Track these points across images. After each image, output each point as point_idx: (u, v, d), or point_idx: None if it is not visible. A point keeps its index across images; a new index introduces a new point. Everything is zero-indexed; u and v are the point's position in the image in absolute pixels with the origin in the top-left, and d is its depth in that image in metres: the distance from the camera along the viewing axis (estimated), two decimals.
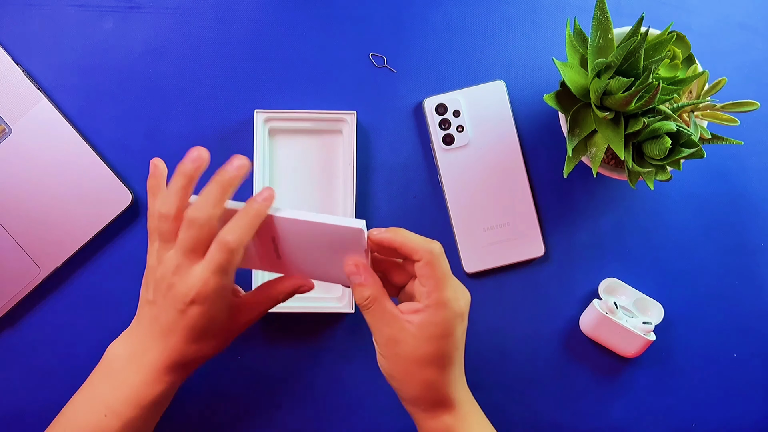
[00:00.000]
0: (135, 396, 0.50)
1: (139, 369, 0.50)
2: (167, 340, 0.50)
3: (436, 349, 0.49)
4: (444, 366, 0.50)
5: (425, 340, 0.48)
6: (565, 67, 0.54)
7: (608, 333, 0.63)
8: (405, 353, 0.49)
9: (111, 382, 0.50)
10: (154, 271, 0.50)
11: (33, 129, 0.62)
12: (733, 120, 0.54)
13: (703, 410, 0.66)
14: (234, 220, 0.48)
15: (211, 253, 0.47)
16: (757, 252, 0.67)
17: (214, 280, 0.47)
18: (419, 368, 0.49)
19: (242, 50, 0.65)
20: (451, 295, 0.49)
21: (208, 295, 0.48)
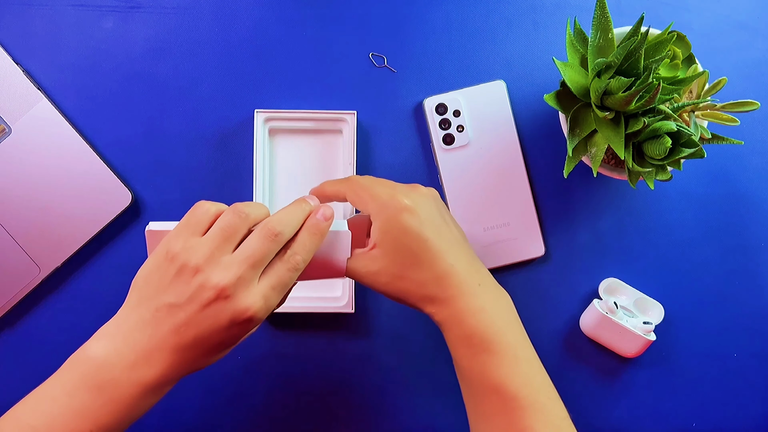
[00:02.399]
0: (128, 413, 0.44)
1: (137, 383, 0.44)
2: (186, 353, 0.44)
3: (405, 251, 0.49)
4: (424, 260, 0.49)
5: (391, 251, 0.49)
6: (566, 67, 0.54)
7: (608, 333, 0.63)
8: (389, 274, 0.49)
9: (100, 399, 0.43)
10: (191, 272, 0.44)
11: (33, 129, 0.62)
12: (733, 120, 0.54)
13: (703, 410, 0.66)
14: (302, 240, 0.47)
15: (278, 270, 0.45)
16: (757, 252, 0.67)
17: (273, 299, 0.45)
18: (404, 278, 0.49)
19: (242, 50, 0.65)
20: (385, 196, 0.50)
21: (262, 314, 0.45)
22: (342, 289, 0.64)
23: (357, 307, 0.64)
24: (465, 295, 0.49)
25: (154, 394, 0.45)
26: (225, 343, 0.46)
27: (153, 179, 0.64)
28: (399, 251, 0.49)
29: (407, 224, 0.49)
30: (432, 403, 0.65)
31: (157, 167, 0.64)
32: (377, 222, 0.50)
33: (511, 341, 0.49)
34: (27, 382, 0.63)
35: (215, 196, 0.64)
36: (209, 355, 0.46)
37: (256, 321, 0.45)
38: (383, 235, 0.49)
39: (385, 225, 0.49)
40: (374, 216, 0.50)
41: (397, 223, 0.49)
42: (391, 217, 0.49)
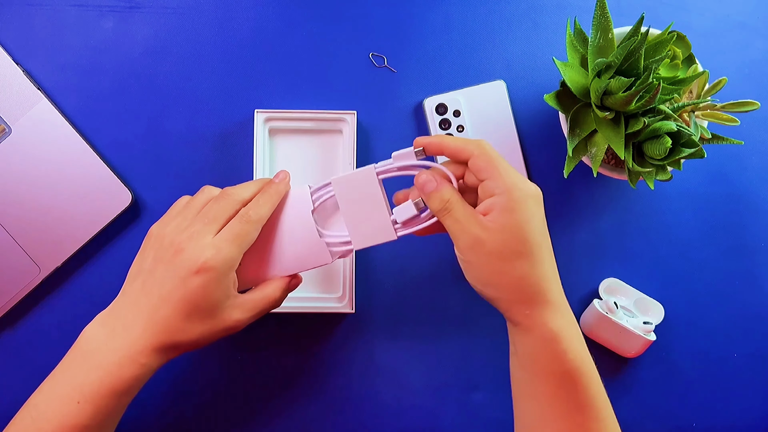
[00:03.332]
0: (110, 380, 0.47)
1: (117, 349, 0.48)
2: (155, 314, 0.48)
3: (523, 238, 0.46)
4: (534, 255, 0.47)
5: (508, 231, 0.46)
6: (566, 67, 0.54)
7: (608, 333, 0.63)
8: (492, 251, 0.46)
9: (85, 366, 0.47)
10: (161, 239, 0.50)
11: (33, 129, 0.62)
12: (733, 120, 0.54)
13: (703, 410, 0.66)
14: (256, 199, 0.51)
15: (231, 224, 0.50)
16: (757, 252, 0.67)
17: (227, 249, 0.48)
18: (510, 264, 0.47)
19: (242, 50, 0.65)
20: (516, 177, 0.47)
21: (217, 264, 0.48)
22: (342, 289, 0.64)
23: (357, 307, 0.64)
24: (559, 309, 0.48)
25: (134, 363, 0.48)
26: (191, 302, 0.48)
27: (153, 179, 0.64)
28: (515, 234, 0.46)
29: (534, 212, 0.47)
30: (432, 403, 0.65)
31: (157, 167, 0.64)
32: (504, 197, 0.46)
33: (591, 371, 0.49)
34: (27, 382, 0.63)
35: None
36: (180, 316, 0.48)
37: (209, 270, 0.48)
38: (506, 212, 0.46)
39: (513, 203, 0.46)
40: (502, 190, 0.46)
41: (526, 206, 0.47)
42: (522, 199, 0.46)
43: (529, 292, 0.47)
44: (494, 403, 0.65)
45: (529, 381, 0.49)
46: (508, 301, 0.48)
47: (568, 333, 0.48)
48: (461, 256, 0.49)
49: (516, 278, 0.47)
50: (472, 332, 0.65)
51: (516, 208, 0.46)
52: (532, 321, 0.47)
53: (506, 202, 0.46)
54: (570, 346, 0.47)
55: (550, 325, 0.47)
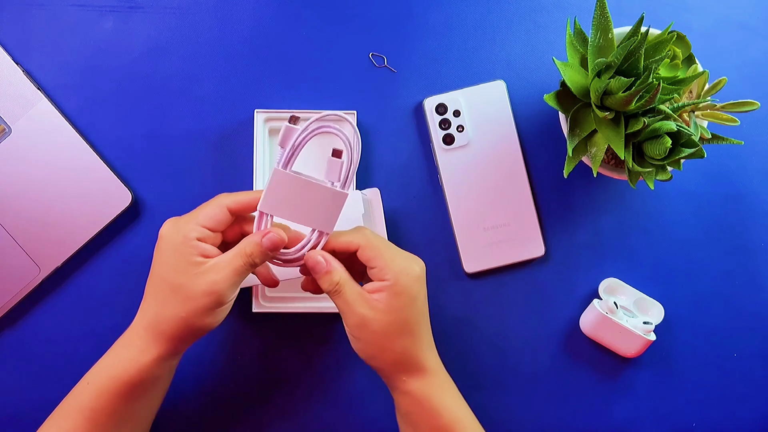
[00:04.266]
0: (109, 361, 0.51)
1: (123, 337, 0.52)
2: (150, 291, 0.51)
3: (406, 318, 0.51)
4: (414, 333, 0.52)
5: (394, 312, 0.50)
6: (566, 67, 0.54)
7: (608, 333, 0.63)
8: (378, 330, 0.51)
9: (116, 346, 0.52)
10: None
11: (33, 129, 0.62)
12: (733, 120, 0.54)
13: (703, 410, 0.66)
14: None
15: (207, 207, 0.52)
16: (757, 252, 0.67)
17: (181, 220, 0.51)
18: (393, 341, 0.51)
19: (242, 50, 0.65)
20: (402, 263, 0.51)
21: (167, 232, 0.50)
22: None
23: None
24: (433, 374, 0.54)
25: (131, 345, 0.51)
26: (157, 275, 0.50)
27: (153, 179, 0.64)
28: (399, 315, 0.51)
29: (417, 293, 0.52)
30: None
31: (157, 167, 0.64)
32: (392, 282, 0.50)
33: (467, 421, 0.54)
34: (27, 381, 0.63)
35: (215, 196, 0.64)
36: (155, 291, 0.50)
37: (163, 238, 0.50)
38: (393, 296, 0.50)
39: (399, 288, 0.50)
40: (390, 276, 0.50)
41: (411, 290, 0.51)
42: (408, 284, 0.51)
43: (408, 363, 0.52)
44: (494, 403, 0.65)
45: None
46: (389, 371, 0.53)
47: (440, 393, 0.54)
48: (349, 332, 0.52)
49: (397, 353, 0.52)
50: (472, 332, 0.65)
51: (402, 292, 0.51)
52: (409, 386, 0.53)
53: (393, 287, 0.50)
54: (442, 403, 0.53)
55: (424, 389, 0.53)
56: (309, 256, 0.51)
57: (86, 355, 0.63)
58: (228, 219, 0.51)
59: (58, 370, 0.63)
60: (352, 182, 0.51)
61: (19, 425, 0.63)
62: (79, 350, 0.63)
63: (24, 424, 0.63)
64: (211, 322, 0.51)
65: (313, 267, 0.51)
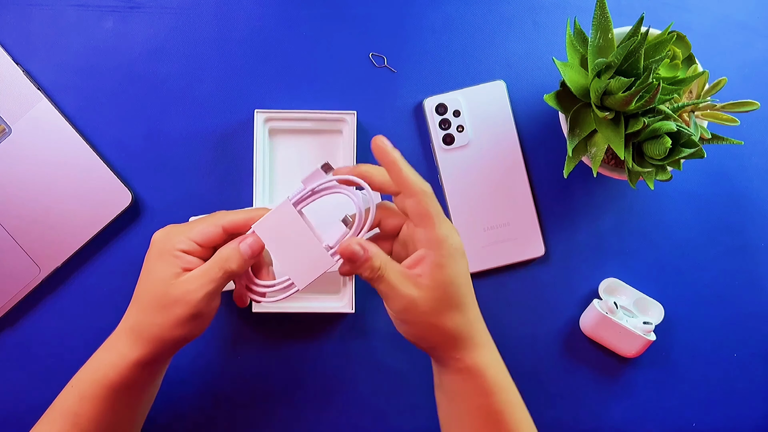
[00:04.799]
0: (92, 365, 0.51)
1: (107, 341, 0.52)
2: (134, 300, 0.51)
3: (453, 290, 0.48)
4: (464, 306, 0.49)
5: (440, 287, 0.48)
6: (566, 67, 0.54)
7: (608, 333, 0.63)
8: (426, 310, 0.48)
9: (103, 347, 0.52)
10: None
11: (33, 129, 0.62)
12: (733, 120, 0.54)
13: (703, 410, 0.66)
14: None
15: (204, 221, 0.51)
16: (757, 252, 0.67)
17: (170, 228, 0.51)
18: (443, 318, 0.48)
19: (242, 50, 0.65)
20: (447, 231, 0.48)
21: (156, 238, 0.50)
22: (342, 289, 0.64)
23: (357, 307, 0.64)
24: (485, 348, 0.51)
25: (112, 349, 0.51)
26: (142, 280, 0.50)
27: (153, 179, 0.64)
28: (447, 290, 0.48)
29: (462, 266, 0.49)
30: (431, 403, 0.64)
31: (157, 167, 0.64)
32: (436, 252, 0.48)
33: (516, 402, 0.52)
34: (27, 382, 0.63)
35: (215, 196, 0.64)
36: (138, 297, 0.50)
37: (152, 245, 0.50)
38: (437, 268, 0.47)
39: (443, 259, 0.48)
40: (434, 244, 0.48)
41: (455, 262, 0.48)
42: (451, 254, 0.48)
43: (459, 339, 0.50)
44: None
45: (457, 416, 0.52)
46: (440, 351, 0.50)
47: (493, 369, 0.51)
48: (395, 316, 0.50)
49: (448, 331, 0.49)
50: None
51: (446, 264, 0.48)
52: (461, 363, 0.50)
53: (437, 258, 0.47)
54: (495, 381, 0.51)
55: (477, 364, 0.50)
56: (345, 248, 0.48)
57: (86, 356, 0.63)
58: (221, 238, 0.50)
59: (58, 370, 0.63)
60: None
61: (19, 425, 0.63)
62: (78, 350, 0.63)
63: (24, 424, 0.63)
64: (186, 333, 0.49)
65: (351, 257, 0.48)
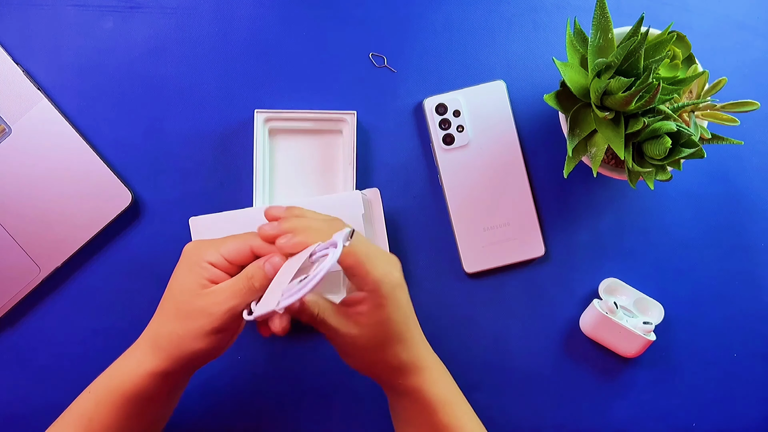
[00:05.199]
0: (110, 372, 0.51)
1: (129, 348, 0.52)
2: (159, 309, 0.51)
3: (393, 328, 0.50)
4: (404, 338, 0.52)
5: (379, 324, 0.50)
6: (566, 67, 0.54)
7: (608, 333, 0.63)
8: (367, 345, 0.50)
9: (126, 353, 0.52)
10: None
11: (33, 129, 0.62)
12: (733, 120, 0.54)
13: (703, 410, 0.66)
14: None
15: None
16: (757, 252, 0.67)
17: (201, 241, 0.51)
18: (383, 351, 0.51)
19: (242, 50, 0.65)
20: (383, 269, 0.49)
21: (187, 250, 0.50)
22: (342, 288, 0.64)
23: None
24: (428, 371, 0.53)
25: (130, 357, 0.51)
26: (169, 291, 0.50)
27: (153, 179, 0.64)
28: (386, 327, 0.50)
29: (401, 301, 0.51)
30: None
31: (157, 167, 0.64)
32: (373, 294, 0.49)
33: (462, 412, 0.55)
34: (27, 381, 0.63)
35: (215, 196, 0.64)
36: (162, 308, 0.50)
37: (183, 257, 0.50)
38: (376, 308, 0.49)
39: (381, 299, 0.49)
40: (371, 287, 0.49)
41: (394, 298, 0.50)
42: (389, 292, 0.49)
43: (401, 368, 0.52)
44: (494, 403, 0.65)
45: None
46: (384, 378, 0.53)
47: (437, 387, 0.53)
48: (339, 351, 0.53)
49: (389, 361, 0.52)
50: (472, 332, 0.65)
51: (384, 303, 0.49)
52: (405, 386, 0.53)
53: (375, 299, 0.49)
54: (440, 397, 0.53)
55: (422, 386, 0.53)
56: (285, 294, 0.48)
57: (86, 356, 0.63)
58: (249, 258, 0.50)
59: (58, 371, 0.63)
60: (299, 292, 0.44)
61: (19, 425, 0.63)
62: (79, 350, 0.63)
63: (24, 424, 0.63)
64: (206, 347, 0.49)
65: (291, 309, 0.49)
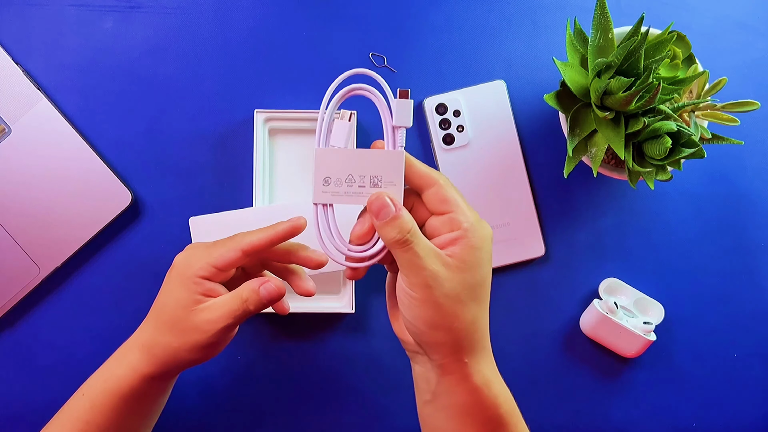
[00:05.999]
0: (101, 374, 0.51)
1: (120, 350, 0.52)
2: (150, 315, 0.51)
3: (481, 279, 0.44)
4: (485, 300, 0.45)
5: (469, 270, 0.43)
6: (566, 67, 0.54)
7: (608, 333, 0.63)
8: (450, 291, 0.43)
9: (116, 355, 0.52)
10: None
11: (33, 129, 0.62)
12: (733, 120, 0.54)
13: (703, 410, 0.66)
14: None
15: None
16: (757, 252, 0.67)
17: (193, 250, 0.51)
18: (464, 306, 0.43)
19: (242, 50, 0.65)
20: (476, 216, 0.44)
21: (178, 262, 0.50)
22: (342, 288, 0.64)
23: (357, 307, 0.64)
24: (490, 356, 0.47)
25: (122, 360, 0.51)
26: (159, 300, 0.50)
27: (153, 179, 0.64)
28: (476, 275, 0.44)
29: (490, 255, 0.45)
30: None
31: (157, 167, 0.64)
32: (470, 232, 0.43)
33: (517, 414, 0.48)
34: (27, 382, 0.63)
35: (215, 196, 0.64)
36: (153, 315, 0.50)
37: (174, 268, 0.50)
38: (471, 249, 0.43)
39: (478, 240, 0.43)
40: (468, 225, 0.43)
41: (488, 246, 0.44)
42: (485, 237, 0.44)
43: (475, 338, 0.45)
44: None
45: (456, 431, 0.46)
46: (451, 347, 0.44)
47: (497, 378, 0.47)
48: (412, 293, 0.43)
49: (468, 323, 0.44)
50: None
51: (480, 246, 0.43)
52: (468, 370, 0.45)
53: (471, 239, 0.43)
54: (500, 391, 0.46)
55: (484, 373, 0.45)
56: (375, 199, 0.43)
57: (86, 356, 0.63)
58: (242, 260, 0.49)
59: (57, 371, 0.63)
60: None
61: (19, 426, 0.63)
62: (78, 351, 0.63)
63: (24, 424, 0.63)
64: (200, 357, 0.50)
65: (379, 210, 0.43)
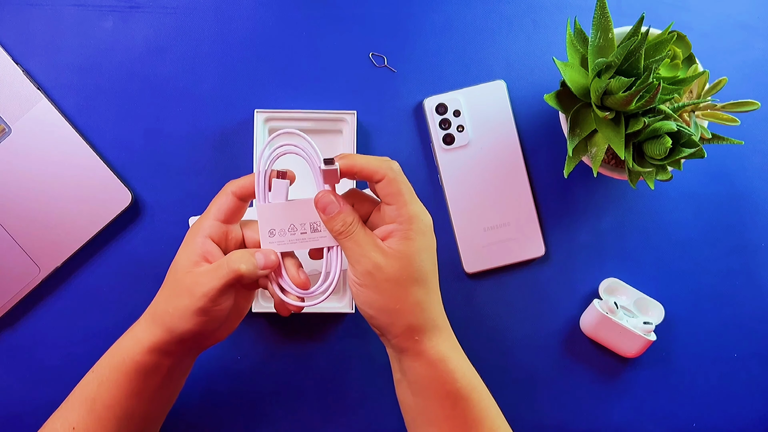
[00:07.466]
0: (111, 351, 0.51)
1: (127, 331, 0.51)
2: (161, 290, 0.51)
3: (420, 266, 0.48)
4: (428, 283, 0.49)
5: (407, 258, 0.48)
6: (566, 67, 0.54)
7: (608, 333, 0.63)
8: (390, 277, 0.47)
9: (128, 332, 0.52)
10: None
11: (33, 129, 0.62)
12: (733, 120, 0.54)
13: (703, 410, 0.66)
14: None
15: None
16: (757, 252, 0.67)
17: (200, 218, 0.52)
18: (406, 289, 0.48)
19: (242, 50, 0.65)
20: (419, 208, 0.49)
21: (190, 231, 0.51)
22: (342, 288, 0.64)
23: (357, 307, 0.64)
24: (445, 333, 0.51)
25: (131, 334, 0.51)
26: (169, 272, 0.50)
27: (153, 179, 0.64)
28: (412, 261, 0.48)
29: (429, 243, 0.49)
30: None
31: (157, 167, 0.64)
32: (405, 226, 0.48)
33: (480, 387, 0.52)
34: (27, 382, 0.63)
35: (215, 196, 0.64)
36: (162, 287, 0.50)
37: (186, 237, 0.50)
38: (405, 240, 0.48)
39: (412, 233, 0.48)
40: (405, 219, 0.48)
41: (423, 237, 0.49)
42: (421, 230, 0.48)
43: (422, 318, 0.49)
44: None
45: (423, 406, 0.51)
46: (401, 327, 0.49)
47: (455, 355, 0.50)
48: (357, 281, 0.49)
49: (411, 304, 0.48)
50: (472, 332, 0.65)
51: (414, 238, 0.48)
52: (421, 346, 0.49)
53: (406, 231, 0.48)
54: (458, 366, 0.50)
55: (439, 349, 0.49)
56: (322, 197, 0.49)
57: (86, 355, 0.63)
58: (236, 204, 0.51)
59: (57, 371, 0.63)
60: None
61: (19, 425, 0.63)
62: (78, 350, 0.63)
63: (24, 424, 0.63)
64: (192, 328, 0.48)
65: (325, 207, 0.49)
